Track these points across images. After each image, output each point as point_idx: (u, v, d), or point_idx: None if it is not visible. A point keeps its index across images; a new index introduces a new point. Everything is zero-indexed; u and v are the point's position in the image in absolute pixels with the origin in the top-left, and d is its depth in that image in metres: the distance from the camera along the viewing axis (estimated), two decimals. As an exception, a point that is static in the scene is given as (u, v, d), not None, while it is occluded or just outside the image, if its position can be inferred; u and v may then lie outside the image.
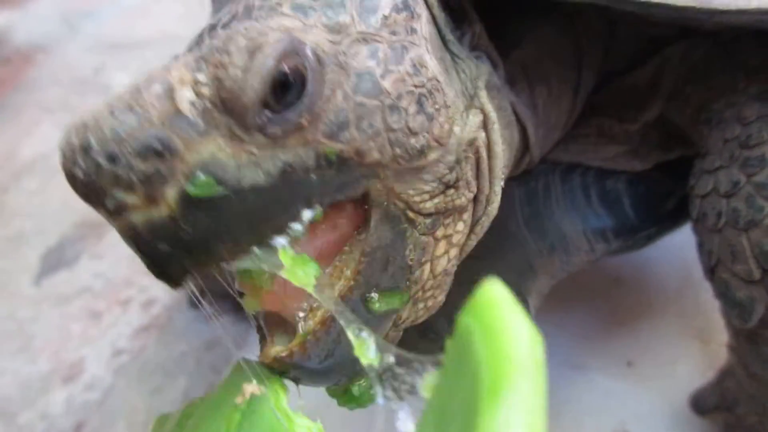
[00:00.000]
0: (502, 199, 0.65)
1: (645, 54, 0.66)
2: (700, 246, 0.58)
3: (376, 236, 0.47)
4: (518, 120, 0.60)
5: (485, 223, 0.55)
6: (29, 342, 1.11)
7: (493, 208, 0.55)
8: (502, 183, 0.54)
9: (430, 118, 0.47)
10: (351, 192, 0.45)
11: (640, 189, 0.67)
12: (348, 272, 0.47)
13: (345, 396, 0.49)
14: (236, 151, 0.41)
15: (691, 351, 0.81)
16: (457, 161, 0.50)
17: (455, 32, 0.55)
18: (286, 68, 0.41)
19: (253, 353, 0.50)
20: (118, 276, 1.15)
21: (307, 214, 0.43)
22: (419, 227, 0.48)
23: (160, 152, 0.39)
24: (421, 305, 0.51)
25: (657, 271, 0.90)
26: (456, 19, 0.56)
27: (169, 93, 0.40)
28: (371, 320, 0.47)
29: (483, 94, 0.53)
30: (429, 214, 0.49)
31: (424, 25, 0.49)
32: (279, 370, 0.46)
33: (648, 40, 0.66)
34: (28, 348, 1.10)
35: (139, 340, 1.06)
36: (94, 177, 0.39)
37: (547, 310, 0.75)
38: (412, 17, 0.48)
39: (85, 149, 0.39)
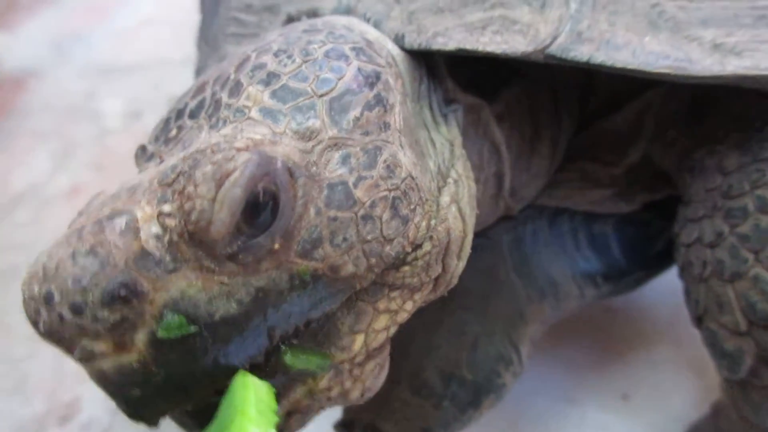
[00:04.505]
0: (489, 246, 0.65)
1: (625, 95, 0.67)
2: (687, 294, 0.58)
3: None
4: (499, 160, 0.59)
5: (432, 298, 0.51)
6: (24, 381, 1.10)
7: (453, 284, 0.51)
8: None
9: (405, 221, 0.45)
10: (326, 308, 0.43)
11: (628, 231, 0.67)
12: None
13: None
14: (207, 283, 0.39)
15: (686, 383, 0.81)
16: (421, 245, 0.46)
17: (433, 94, 0.54)
18: (258, 191, 0.39)
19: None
20: (113, 311, 1.14)
21: None
22: (359, 292, 0.45)
23: (126, 298, 0.37)
24: (348, 381, 0.46)
25: (649, 300, 0.90)
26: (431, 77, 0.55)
27: (133, 229, 0.38)
28: (280, 377, 0.43)
29: (459, 165, 0.52)
30: (371, 282, 0.45)
31: (396, 115, 0.47)
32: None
33: (628, 82, 0.66)
34: (23, 388, 1.09)
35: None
36: (59, 329, 0.38)
37: (541, 343, 0.75)
38: (385, 111, 0.46)
39: (47, 300, 0.38)
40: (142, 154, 0.48)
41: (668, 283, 0.89)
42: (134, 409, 0.40)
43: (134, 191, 0.40)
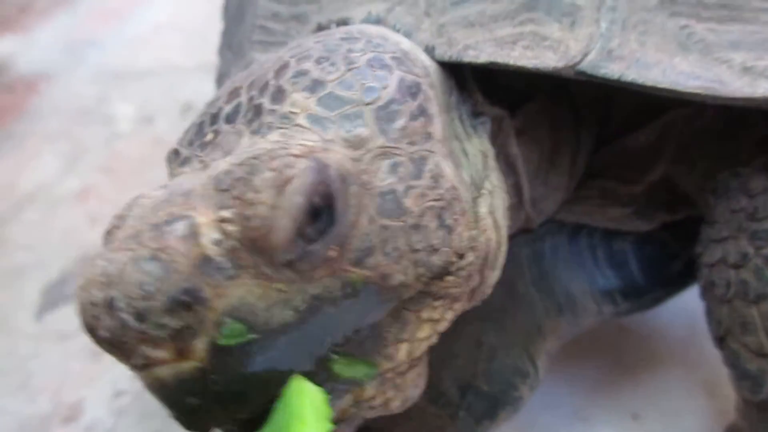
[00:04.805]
0: (509, 259, 0.65)
1: (647, 115, 0.67)
2: (709, 314, 0.58)
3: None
4: (515, 173, 0.60)
5: (467, 308, 0.51)
6: (29, 380, 1.10)
7: (487, 294, 0.52)
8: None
9: (450, 231, 0.45)
10: (375, 317, 0.43)
11: (646, 250, 0.68)
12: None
13: None
14: (265, 290, 0.39)
15: (697, 403, 0.81)
16: (464, 255, 0.47)
17: (462, 106, 0.54)
18: (315, 198, 0.39)
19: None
20: (120, 314, 1.14)
21: None
22: (404, 301, 0.45)
23: (189, 305, 0.37)
24: (391, 391, 0.46)
25: (662, 320, 0.90)
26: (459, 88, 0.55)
27: (194, 235, 0.38)
28: (333, 386, 0.43)
29: (494, 176, 0.52)
30: (417, 291, 0.45)
31: (437, 125, 0.48)
32: None
33: (651, 102, 0.66)
34: (28, 386, 1.09)
35: (140, 380, 1.05)
36: (121, 336, 0.37)
37: (553, 360, 0.74)
38: (427, 121, 0.46)
39: (110, 306, 0.37)
40: (176, 158, 0.47)
41: (682, 303, 0.89)
42: (190, 418, 0.40)
43: (189, 196, 0.40)
